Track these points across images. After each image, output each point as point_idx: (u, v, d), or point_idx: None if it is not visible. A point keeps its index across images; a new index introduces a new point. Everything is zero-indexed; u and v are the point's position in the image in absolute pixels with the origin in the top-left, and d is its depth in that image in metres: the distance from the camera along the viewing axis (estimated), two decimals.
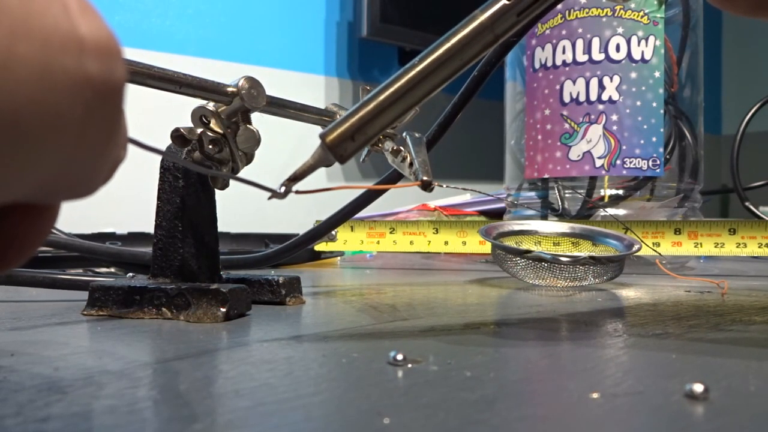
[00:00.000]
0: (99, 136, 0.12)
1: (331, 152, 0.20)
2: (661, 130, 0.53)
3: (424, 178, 0.26)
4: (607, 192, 0.54)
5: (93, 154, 0.13)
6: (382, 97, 0.21)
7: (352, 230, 0.57)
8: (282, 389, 0.17)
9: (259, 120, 0.31)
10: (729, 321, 0.28)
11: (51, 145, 0.12)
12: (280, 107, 0.32)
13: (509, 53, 0.38)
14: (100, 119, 0.12)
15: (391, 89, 0.21)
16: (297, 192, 0.21)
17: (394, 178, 0.37)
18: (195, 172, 0.30)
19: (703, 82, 0.59)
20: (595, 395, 0.16)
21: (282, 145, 0.99)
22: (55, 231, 0.46)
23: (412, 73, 0.21)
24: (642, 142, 0.53)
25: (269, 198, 0.21)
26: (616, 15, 0.53)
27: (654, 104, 0.53)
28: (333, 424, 0.14)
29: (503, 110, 0.64)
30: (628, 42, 0.53)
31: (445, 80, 0.21)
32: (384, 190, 0.42)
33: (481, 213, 0.77)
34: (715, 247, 0.49)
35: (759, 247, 0.48)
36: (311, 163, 0.21)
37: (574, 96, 0.54)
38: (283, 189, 0.21)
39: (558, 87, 0.55)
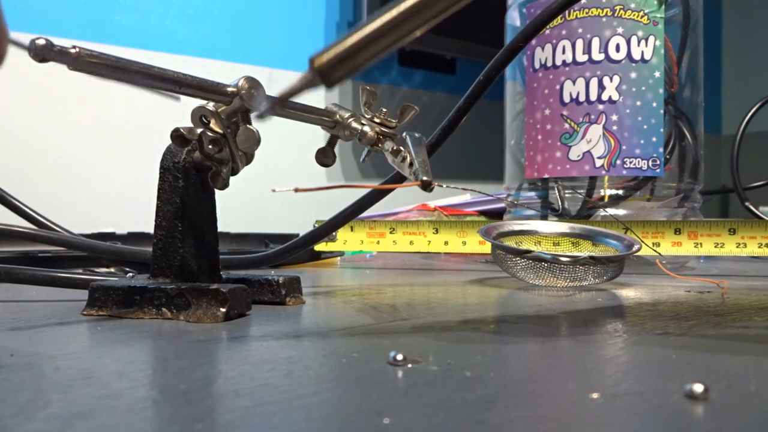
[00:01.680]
0: None
1: (319, 75, 0.20)
2: (661, 130, 0.53)
3: (424, 178, 0.26)
4: (607, 192, 0.54)
5: None
6: (377, 25, 0.20)
7: (352, 230, 0.57)
8: (282, 389, 0.17)
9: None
10: (729, 321, 0.28)
11: None
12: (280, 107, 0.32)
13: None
14: None
15: (387, 17, 0.20)
16: (297, 190, 0.21)
17: (396, 180, 0.37)
18: (195, 172, 0.30)
19: (703, 82, 0.59)
20: (595, 395, 0.16)
21: (284, 145, 0.99)
22: (55, 228, 0.47)
23: (410, 2, 0.20)
24: (642, 142, 0.53)
25: (256, 116, 0.20)
26: (616, 15, 0.53)
27: (654, 104, 0.53)
28: (333, 424, 0.14)
29: (503, 110, 0.64)
30: (628, 42, 0.53)
31: (441, 12, 0.20)
32: (386, 192, 0.42)
33: (481, 213, 0.77)
34: (715, 247, 0.49)
35: (759, 247, 0.48)
36: (297, 86, 0.20)
37: (574, 96, 0.54)
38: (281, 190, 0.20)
39: (558, 87, 0.55)
